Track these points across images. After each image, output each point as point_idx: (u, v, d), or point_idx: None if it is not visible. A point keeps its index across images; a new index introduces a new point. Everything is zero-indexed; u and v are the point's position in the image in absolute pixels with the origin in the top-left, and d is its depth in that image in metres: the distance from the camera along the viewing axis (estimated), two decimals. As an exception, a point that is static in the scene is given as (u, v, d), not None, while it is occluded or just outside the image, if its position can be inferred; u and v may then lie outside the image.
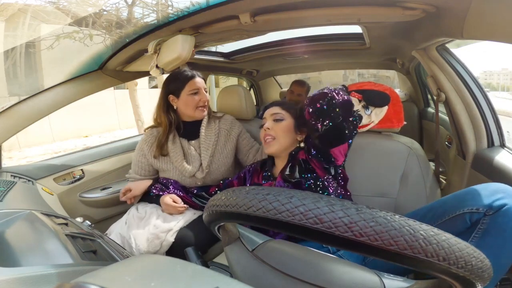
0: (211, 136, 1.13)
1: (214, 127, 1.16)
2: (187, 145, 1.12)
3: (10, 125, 1.02)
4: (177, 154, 1.09)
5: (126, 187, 1.11)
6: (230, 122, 1.21)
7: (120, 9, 1.95)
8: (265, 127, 0.97)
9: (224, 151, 1.16)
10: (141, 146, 1.15)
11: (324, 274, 0.43)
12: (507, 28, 0.55)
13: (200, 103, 1.10)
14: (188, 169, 1.08)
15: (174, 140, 1.11)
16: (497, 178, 0.86)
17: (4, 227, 0.61)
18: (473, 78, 1.05)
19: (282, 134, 0.94)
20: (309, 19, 0.90)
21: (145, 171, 1.15)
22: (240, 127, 1.22)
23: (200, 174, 1.10)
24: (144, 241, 0.94)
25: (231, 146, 1.18)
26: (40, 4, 3.61)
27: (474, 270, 0.30)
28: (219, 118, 1.20)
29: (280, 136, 0.94)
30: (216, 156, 1.14)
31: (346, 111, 0.79)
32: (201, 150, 1.11)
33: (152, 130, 1.16)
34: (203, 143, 1.11)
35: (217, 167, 1.13)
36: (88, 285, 0.26)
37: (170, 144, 1.10)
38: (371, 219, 0.29)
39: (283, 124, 0.95)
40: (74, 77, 1.13)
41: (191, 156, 1.11)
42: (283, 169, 0.93)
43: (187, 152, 1.11)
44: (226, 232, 0.50)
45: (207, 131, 1.13)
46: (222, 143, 1.16)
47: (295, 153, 0.94)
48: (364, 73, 7.42)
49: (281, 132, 0.94)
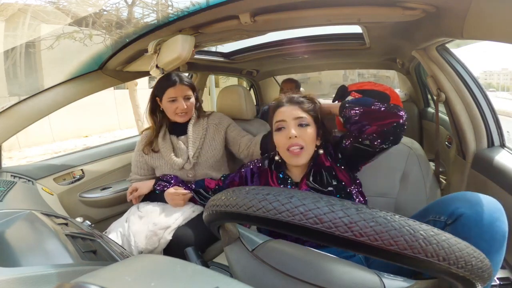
0: (199, 131, 1.17)
1: (203, 123, 1.19)
2: (176, 140, 1.16)
3: (10, 125, 1.02)
4: (167, 149, 1.13)
5: (132, 187, 1.13)
6: (219, 117, 1.24)
7: (120, 9, 1.95)
8: (291, 135, 0.81)
9: (212, 143, 1.18)
10: (138, 147, 1.20)
11: (324, 274, 0.43)
12: (507, 28, 0.55)
13: (178, 110, 1.12)
14: (177, 162, 1.12)
15: (165, 137, 1.16)
16: (497, 178, 0.86)
17: (4, 227, 0.61)
18: (473, 78, 1.05)
19: (311, 143, 0.83)
20: (309, 19, 0.90)
21: (144, 170, 1.19)
22: (229, 121, 1.25)
23: (188, 165, 1.13)
24: (143, 238, 0.95)
25: (219, 139, 1.20)
26: (40, 4, 3.62)
27: (474, 270, 0.30)
28: (208, 116, 1.24)
29: (309, 145, 0.83)
30: (204, 148, 1.17)
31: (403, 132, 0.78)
32: (188, 143, 1.15)
33: (147, 131, 1.21)
34: (191, 137, 1.15)
35: (205, 159, 1.16)
36: (88, 285, 0.26)
37: (161, 141, 1.15)
38: (371, 219, 0.29)
39: (311, 131, 0.83)
40: (74, 77, 1.13)
41: (180, 150, 1.14)
42: (305, 176, 0.86)
43: (176, 146, 1.15)
44: (226, 232, 0.50)
45: (195, 127, 1.17)
46: (211, 136, 1.19)
47: (316, 158, 0.87)
48: (364, 73, 7.44)
49: (309, 140, 0.83)
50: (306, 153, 0.83)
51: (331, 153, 0.88)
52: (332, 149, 0.89)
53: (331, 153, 0.88)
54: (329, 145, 0.89)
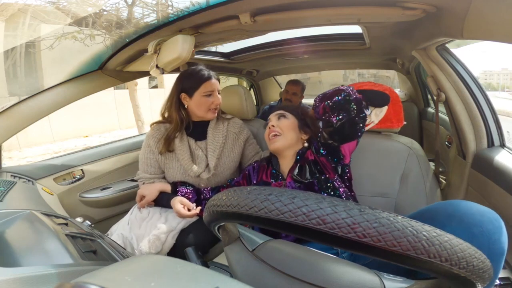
0: (218, 138, 1.11)
1: (222, 129, 1.14)
2: (194, 145, 1.10)
3: (10, 125, 1.01)
4: (184, 153, 1.07)
5: (139, 194, 1.05)
6: (239, 126, 1.19)
7: (120, 9, 1.94)
8: (270, 125, 0.99)
9: (231, 155, 1.14)
10: (148, 142, 1.10)
11: (324, 274, 0.43)
12: (507, 28, 0.55)
13: (213, 105, 1.08)
14: (194, 169, 1.06)
15: (182, 138, 1.09)
16: (497, 178, 0.86)
17: (4, 227, 0.61)
18: (473, 78, 1.05)
19: (287, 130, 0.96)
20: (309, 19, 0.90)
21: (154, 168, 1.11)
22: (248, 133, 1.22)
23: (205, 174, 1.08)
24: (146, 242, 0.94)
25: (238, 150, 1.16)
26: (40, 4, 3.61)
27: (475, 271, 0.30)
28: (228, 120, 1.19)
29: (286, 132, 0.96)
30: (222, 159, 1.12)
31: (359, 108, 0.84)
32: (208, 152, 1.09)
33: (159, 125, 1.12)
34: (210, 145, 1.10)
35: (222, 170, 1.12)
36: (88, 285, 0.26)
37: (178, 142, 1.07)
38: (374, 220, 0.28)
39: (288, 121, 0.98)
40: (74, 77, 1.13)
41: (198, 157, 1.09)
42: (291, 169, 0.94)
43: (194, 152, 1.09)
44: (226, 232, 0.50)
45: (215, 132, 1.12)
46: (230, 146, 1.15)
47: (302, 153, 0.95)
48: (364, 73, 7.44)
49: (286, 128, 0.96)
50: (283, 138, 0.95)
51: (316, 147, 0.95)
52: (316, 144, 0.96)
53: (316, 148, 0.95)
54: (314, 142, 0.97)
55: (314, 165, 0.91)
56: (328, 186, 0.87)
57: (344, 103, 0.84)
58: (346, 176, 0.93)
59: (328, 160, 0.91)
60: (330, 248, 0.76)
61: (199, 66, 1.10)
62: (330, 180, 0.88)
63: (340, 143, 0.89)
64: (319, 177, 0.88)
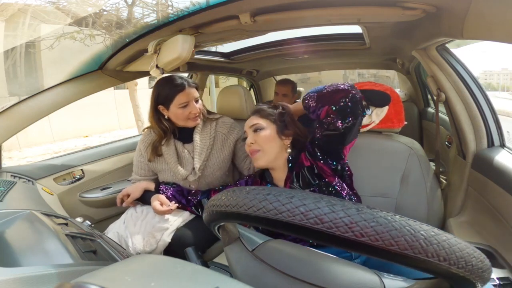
0: (205, 141, 1.10)
1: (210, 130, 1.12)
2: (181, 148, 1.10)
3: (10, 125, 1.01)
4: (171, 156, 1.07)
5: (123, 192, 1.07)
6: (229, 126, 1.16)
7: (120, 9, 1.95)
8: (248, 143, 0.91)
9: (220, 156, 1.12)
10: (139, 146, 1.15)
11: (324, 274, 0.43)
12: (507, 28, 0.54)
13: (191, 115, 1.05)
14: (181, 172, 1.06)
15: (169, 142, 1.09)
16: (497, 178, 0.86)
17: (4, 227, 0.61)
18: (473, 78, 1.05)
19: (267, 144, 0.89)
20: (309, 19, 0.90)
21: (144, 171, 1.15)
22: (239, 132, 1.16)
23: (192, 177, 1.08)
24: (140, 240, 0.95)
25: (228, 151, 1.14)
26: (40, 4, 3.61)
27: (474, 270, 0.30)
28: (216, 120, 1.15)
29: (265, 146, 0.89)
30: (211, 160, 1.11)
31: (362, 107, 0.81)
32: (194, 154, 1.08)
33: (150, 130, 1.14)
34: (197, 147, 1.09)
35: (211, 172, 1.11)
36: (88, 285, 0.26)
37: (165, 146, 1.09)
38: (372, 219, 0.29)
39: (265, 133, 0.90)
40: (74, 77, 1.13)
41: (185, 159, 1.09)
42: (287, 179, 0.89)
43: (181, 155, 1.09)
44: (226, 232, 0.50)
45: (202, 135, 1.10)
46: (219, 147, 1.12)
47: (294, 159, 0.90)
48: (364, 73, 7.43)
49: (264, 143, 0.89)
50: (265, 155, 0.89)
51: (310, 151, 0.89)
52: (310, 147, 0.89)
53: (311, 152, 0.88)
54: (308, 145, 0.90)
55: (311, 171, 0.87)
56: (330, 191, 0.84)
57: (353, 107, 0.78)
58: (347, 174, 0.90)
59: (326, 164, 0.86)
60: (344, 252, 0.74)
61: (172, 75, 1.07)
62: (331, 185, 0.85)
63: (344, 145, 0.85)
64: (319, 183, 0.85)
